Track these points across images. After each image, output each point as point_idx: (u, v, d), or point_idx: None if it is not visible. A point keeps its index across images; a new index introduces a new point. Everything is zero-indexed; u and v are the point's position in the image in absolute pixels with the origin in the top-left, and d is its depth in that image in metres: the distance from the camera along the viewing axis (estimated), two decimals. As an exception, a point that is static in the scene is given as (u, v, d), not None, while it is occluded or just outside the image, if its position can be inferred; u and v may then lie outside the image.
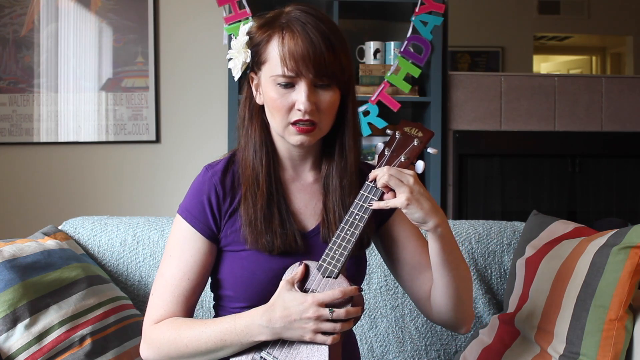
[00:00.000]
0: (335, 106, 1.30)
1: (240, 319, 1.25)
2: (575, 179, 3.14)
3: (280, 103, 1.27)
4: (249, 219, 1.31)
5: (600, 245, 1.51)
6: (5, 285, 1.50)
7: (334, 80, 1.28)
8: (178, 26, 3.12)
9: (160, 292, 1.33)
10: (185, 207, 1.36)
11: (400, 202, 1.22)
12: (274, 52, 1.27)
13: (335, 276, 1.24)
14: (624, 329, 1.44)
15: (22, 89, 3.05)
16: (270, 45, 1.28)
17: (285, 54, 1.25)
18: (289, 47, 1.25)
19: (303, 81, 1.26)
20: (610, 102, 3.06)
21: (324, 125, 1.30)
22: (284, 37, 1.26)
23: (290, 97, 1.27)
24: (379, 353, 1.88)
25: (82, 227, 1.94)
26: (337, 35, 1.28)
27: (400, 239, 1.42)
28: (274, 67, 1.27)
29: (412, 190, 1.22)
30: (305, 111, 1.26)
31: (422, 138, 1.28)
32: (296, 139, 1.29)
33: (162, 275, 1.34)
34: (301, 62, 1.24)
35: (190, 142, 3.14)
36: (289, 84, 1.27)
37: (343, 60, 1.28)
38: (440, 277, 1.33)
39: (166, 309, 1.32)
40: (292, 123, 1.28)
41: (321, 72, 1.25)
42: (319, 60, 1.24)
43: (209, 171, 1.37)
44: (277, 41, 1.27)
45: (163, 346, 1.29)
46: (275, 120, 1.30)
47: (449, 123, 3.00)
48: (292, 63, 1.24)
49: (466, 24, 3.80)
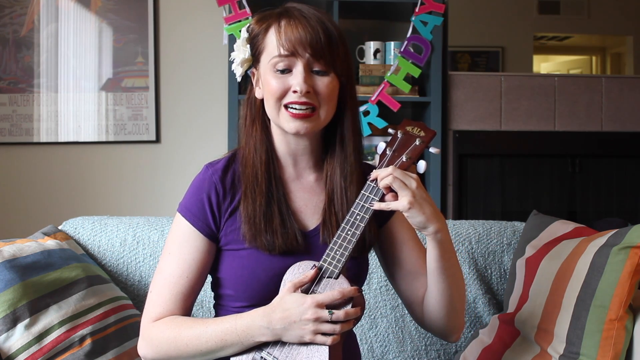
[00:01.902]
0: (334, 93, 1.30)
1: (241, 320, 1.25)
2: (575, 179, 3.14)
3: (275, 87, 1.28)
4: (248, 216, 1.31)
5: (600, 245, 1.51)
6: (5, 285, 1.50)
7: (331, 66, 1.28)
8: (178, 26, 3.12)
9: (159, 289, 1.33)
10: (185, 205, 1.36)
11: (402, 205, 1.21)
12: (272, 38, 1.29)
13: (336, 276, 1.24)
14: (624, 329, 1.43)
15: (22, 89, 3.05)
16: (269, 33, 1.30)
17: (281, 35, 1.27)
18: (285, 30, 1.27)
19: (299, 63, 1.27)
20: (610, 102, 3.06)
21: (323, 112, 1.30)
22: (280, 23, 1.28)
23: (287, 81, 1.28)
24: (379, 353, 1.88)
25: (82, 227, 1.93)
26: (335, 26, 1.30)
27: (398, 241, 1.42)
28: (271, 51, 1.29)
29: (414, 194, 1.21)
30: (301, 92, 1.26)
31: (424, 137, 1.27)
32: (291, 126, 1.29)
33: (160, 272, 1.34)
34: (297, 43, 1.26)
35: (190, 142, 3.14)
36: (286, 70, 1.28)
37: (341, 48, 1.29)
38: (435, 284, 1.32)
39: (164, 307, 1.32)
40: (285, 106, 1.28)
41: (318, 54, 1.26)
42: (315, 42, 1.26)
43: (209, 169, 1.37)
44: (274, 28, 1.29)
45: (162, 344, 1.29)
46: (269, 105, 1.31)
47: (449, 123, 3.00)
48: (288, 43, 1.26)
49: (466, 24, 3.79)
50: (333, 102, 1.30)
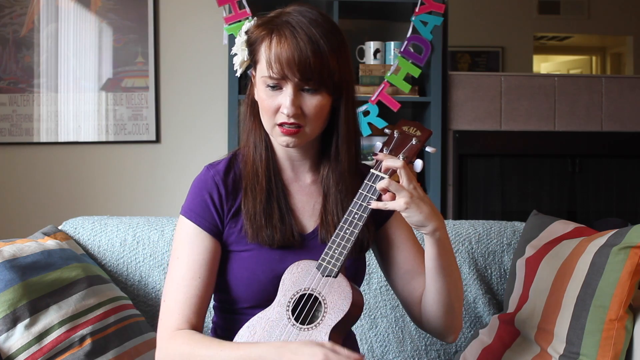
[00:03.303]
0: (323, 110, 1.29)
1: (256, 348, 1.22)
2: (575, 179, 3.14)
3: (267, 104, 1.28)
4: (249, 213, 1.32)
5: (600, 245, 1.51)
6: (5, 285, 1.50)
7: (322, 85, 1.27)
8: (178, 26, 3.12)
9: (172, 295, 1.32)
10: (188, 206, 1.35)
11: (399, 205, 1.22)
12: (264, 54, 1.28)
13: (334, 275, 1.25)
14: (624, 329, 1.44)
15: (22, 89, 3.05)
16: (262, 47, 1.29)
17: (271, 57, 1.26)
18: (275, 50, 1.25)
19: (289, 84, 1.26)
20: (610, 102, 3.06)
21: (309, 130, 1.30)
22: (271, 40, 1.27)
23: (277, 99, 1.28)
24: (379, 353, 1.88)
25: (82, 227, 1.93)
26: (330, 39, 1.27)
27: (396, 242, 1.42)
28: (263, 69, 1.28)
29: (411, 194, 1.23)
30: (289, 115, 1.26)
31: (421, 137, 1.28)
32: (281, 140, 1.30)
33: (171, 279, 1.33)
34: (286, 66, 1.24)
35: (190, 142, 3.14)
36: (276, 86, 1.27)
37: (332, 64, 1.26)
38: (433, 283, 1.32)
39: (180, 312, 1.30)
40: (278, 124, 1.29)
41: (306, 76, 1.25)
42: (304, 64, 1.24)
43: (210, 170, 1.37)
44: (266, 43, 1.28)
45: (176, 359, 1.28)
46: (264, 120, 1.32)
47: (449, 123, 3.00)
48: (277, 66, 1.25)
49: (466, 24, 3.80)
50: (321, 119, 1.30)
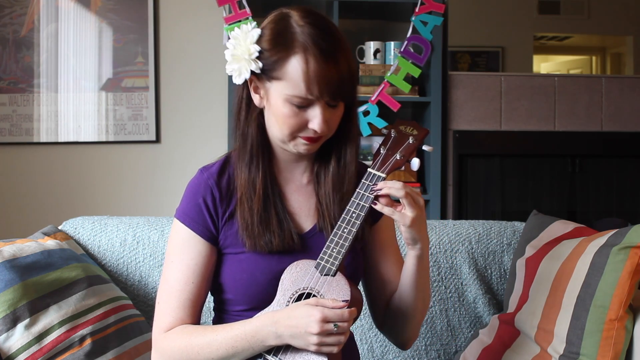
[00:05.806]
0: (340, 118, 1.31)
1: (250, 325, 1.25)
2: (575, 179, 3.14)
3: (293, 121, 1.26)
4: (245, 223, 1.31)
5: (600, 245, 1.51)
6: (5, 285, 1.50)
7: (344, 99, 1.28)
8: (178, 26, 3.12)
9: (166, 298, 1.33)
10: (182, 210, 1.35)
11: (406, 219, 1.24)
12: (295, 73, 1.22)
13: (333, 274, 1.25)
14: (624, 329, 1.44)
15: (22, 89, 3.05)
16: (290, 65, 1.23)
17: (311, 78, 1.22)
18: (315, 71, 1.21)
19: (318, 104, 1.25)
20: (610, 102, 3.06)
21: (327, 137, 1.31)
22: (308, 58, 1.22)
23: (304, 116, 1.26)
24: (379, 353, 1.88)
25: (82, 227, 1.93)
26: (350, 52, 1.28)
27: (380, 244, 1.44)
28: (293, 88, 1.23)
29: (421, 213, 1.26)
30: (321, 132, 1.26)
31: (417, 136, 1.30)
32: (302, 149, 1.30)
33: (166, 281, 1.34)
34: (326, 89, 1.22)
35: (190, 142, 3.14)
36: (303, 106, 1.25)
37: (355, 77, 1.28)
38: (405, 296, 1.35)
39: (174, 316, 1.31)
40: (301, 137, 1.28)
41: (342, 97, 1.26)
42: (344, 86, 1.24)
43: (204, 173, 1.36)
44: (300, 60, 1.22)
45: (174, 354, 1.29)
46: (282, 132, 1.28)
47: (449, 123, 3.00)
48: (318, 88, 1.22)
49: (466, 24, 3.80)
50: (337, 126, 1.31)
